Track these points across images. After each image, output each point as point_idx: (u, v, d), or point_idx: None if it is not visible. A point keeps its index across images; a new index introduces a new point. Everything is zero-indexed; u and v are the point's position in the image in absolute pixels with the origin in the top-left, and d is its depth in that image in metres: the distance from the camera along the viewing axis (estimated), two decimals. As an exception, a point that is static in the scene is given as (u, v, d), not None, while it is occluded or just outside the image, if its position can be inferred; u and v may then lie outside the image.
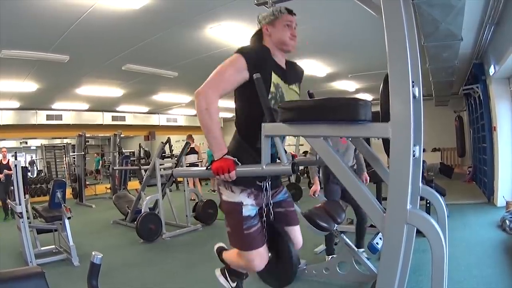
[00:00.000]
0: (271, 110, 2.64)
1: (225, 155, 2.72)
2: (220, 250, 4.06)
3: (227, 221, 3.13)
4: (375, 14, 3.10)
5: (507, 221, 7.52)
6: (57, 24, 6.95)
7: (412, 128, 2.09)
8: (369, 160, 3.11)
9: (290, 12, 3.11)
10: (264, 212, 3.09)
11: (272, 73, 2.94)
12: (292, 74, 3.22)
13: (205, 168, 2.83)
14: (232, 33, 7.86)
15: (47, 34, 7.42)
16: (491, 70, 9.33)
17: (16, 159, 9.19)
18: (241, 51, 2.88)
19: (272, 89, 2.91)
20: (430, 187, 7.08)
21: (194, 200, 11.17)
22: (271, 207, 3.10)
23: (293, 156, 3.83)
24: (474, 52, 9.98)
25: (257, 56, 2.91)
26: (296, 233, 3.34)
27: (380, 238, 4.90)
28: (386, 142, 2.26)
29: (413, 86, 2.20)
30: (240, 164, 2.73)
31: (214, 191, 16.04)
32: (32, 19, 6.64)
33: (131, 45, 8.60)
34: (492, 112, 10.51)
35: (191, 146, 14.81)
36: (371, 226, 6.11)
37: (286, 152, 3.53)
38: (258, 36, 3.20)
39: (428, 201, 6.25)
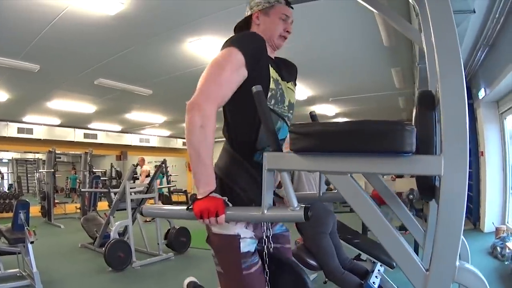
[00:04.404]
0: (275, 135, 2.05)
1: (212, 192, 2.12)
2: (194, 287, 3.54)
3: (218, 260, 2.47)
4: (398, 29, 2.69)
5: (498, 248, 7.32)
6: (27, 29, 6.61)
7: (468, 162, 1.65)
8: (385, 197, 2.57)
9: (288, 3, 2.63)
10: (265, 244, 2.50)
11: (269, 66, 2.43)
12: (286, 70, 2.71)
13: (185, 208, 2.19)
14: (213, 48, 7.40)
15: (17, 39, 7.07)
16: (481, 93, 9.15)
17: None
18: (236, 42, 2.33)
19: (272, 85, 2.41)
20: (419, 216, 6.80)
21: (149, 221, 10.94)
22: (271, 239, 2.55)
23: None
24: (464, 75, 9.66)
25: (254, 47, 2.37)
26: None
27: (376, 277, 4.49)
28: (427, 180, 1.82)
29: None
30: (230, 205, 2.13)
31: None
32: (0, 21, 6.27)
33: (104, 58, 8.26)
34: (480, 136, 10.35)
35: (148, 169, 14.55)
36: (356, 258, 5.58)
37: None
38: (245, 24, 2.69)
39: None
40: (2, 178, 21.99)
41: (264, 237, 2.50)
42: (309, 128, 1.96)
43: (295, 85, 2.85)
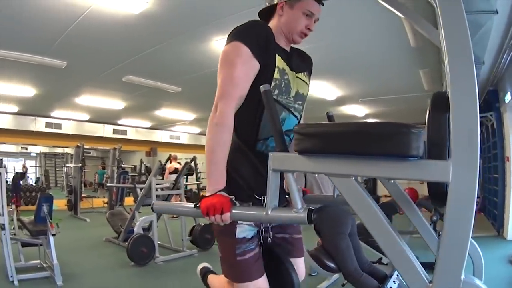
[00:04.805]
0: (282, 135, 2.02)
1: (220, 191, 2.13)
2: (205, 272, 3.49)
3: (218, 243, 2.56)
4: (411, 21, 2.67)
5: (519, 256, 7.03)
6: (53, 26, 6.66)
7: (478, 169, 1.56)
8: (400, 202, 2.53)
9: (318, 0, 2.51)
10: (262, 233, 2.52)
11: (276, 55, 2.40)
12: (299, 60, 2.67)
13: (192, 206, 2.23)
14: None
15: (43, 36, 7.14)
16: (507, 97, 8.92)
17: (1, 166, 8.77)
18: (239, 36, 2.31)
19: (276, 75, 2.37)
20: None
21: (176, 217, 10.85)
22: (270, 229, 2.57)
23: (304, 192, 3.23)
24: (490, 78, 9.57)
25: (257, 36, 2.33)
26: (299, 265, 2.80)
27: (394, 282, 4.44)
28: (435, 186, 1.76)
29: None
30: (237, 204, 2.14)
31: None
32: (26, 20, 6.37)
33: (131, 55, 8.31)
34: (506, 141, 10.08)
35: (175, 166, 14.44)
36: (378, 262, 5.55)
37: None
38: (269, 11, 2.61)
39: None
40: (26, 171, 22.10)
41: (262, 228, 2.52)
42: (311, 129, 1.93)
43: (309, 76, 2.79)
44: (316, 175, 5.57)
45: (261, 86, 2.01)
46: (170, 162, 15.26)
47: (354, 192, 1.79)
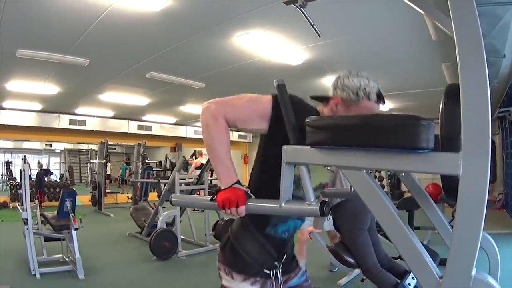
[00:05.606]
0: (295, 128, 1.96)
1: (235, 183, 2.10)
2: None
3: None
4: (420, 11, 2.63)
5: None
6: (75, 25, 6.70)
7: (489, 162, 1.47)
8: (416, 197, 2.41)
9: (379, 100, 2.50)
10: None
11: None
12: None
13: (209, 199, 2.20)
14: (262, 42, 7.40)
15: (65, 35, 7.18)
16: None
17: (25, 163, 8.84)
18: (278, 98, 2.08)
19: (296, 171, 2.11)
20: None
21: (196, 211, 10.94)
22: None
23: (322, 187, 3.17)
24: (512, 72, 9.42)
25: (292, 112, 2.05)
26: None
27: (413, 278, 4.41)
28: (449, 180, 1.72)
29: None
30: (253, 197, 2.09)
31: None
32: (47, 19, 6.41)
33: (153, 52, 8.32)
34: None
35: (201, 162, 14.42)
36: (399, 257, 5.47)
37: None
38: (323, 100, 2.52)
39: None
40: (41, 168, 22.19)
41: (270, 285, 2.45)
42: (322, 121, 1.90)
43: None
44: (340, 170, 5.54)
45: (275, 80, 1.98)
46: (196, 158, 15.31)
47: (365, 185, 1.75)
